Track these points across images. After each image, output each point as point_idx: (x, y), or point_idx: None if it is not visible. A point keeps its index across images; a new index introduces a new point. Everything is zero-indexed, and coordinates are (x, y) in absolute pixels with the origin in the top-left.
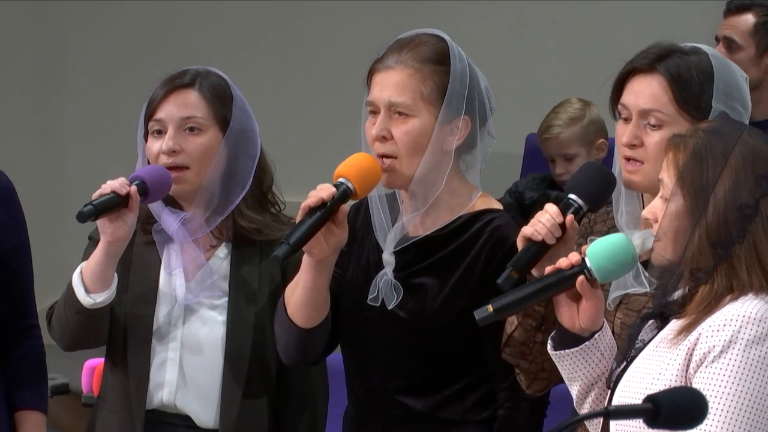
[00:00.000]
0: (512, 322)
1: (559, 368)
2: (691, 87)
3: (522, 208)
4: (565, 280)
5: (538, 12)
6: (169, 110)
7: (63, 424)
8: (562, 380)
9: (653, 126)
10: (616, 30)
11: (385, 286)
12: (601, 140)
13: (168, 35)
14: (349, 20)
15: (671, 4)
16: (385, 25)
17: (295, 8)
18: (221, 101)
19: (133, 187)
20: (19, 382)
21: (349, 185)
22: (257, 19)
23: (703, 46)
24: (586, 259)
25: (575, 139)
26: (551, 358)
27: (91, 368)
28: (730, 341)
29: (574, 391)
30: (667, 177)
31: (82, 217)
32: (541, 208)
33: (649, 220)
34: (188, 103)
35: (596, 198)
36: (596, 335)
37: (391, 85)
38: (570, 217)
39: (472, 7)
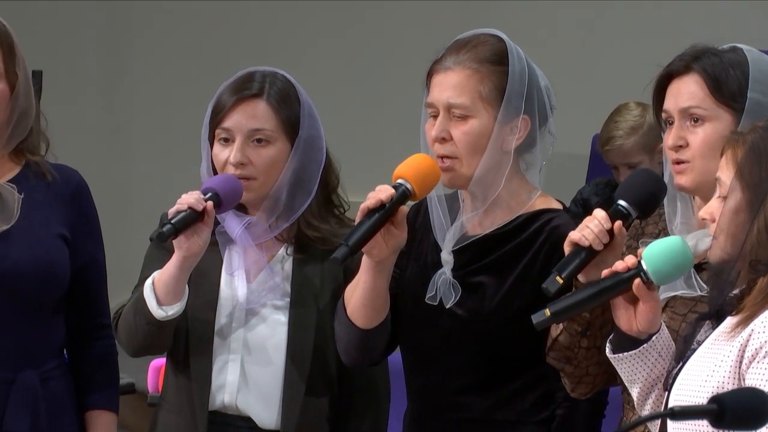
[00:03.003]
0: (557, 327)
1: (619, 371)
2: (726, 79)
3: (588, 214)
4: (621, 283)
5: (606, 10)
6: (238, 120)
7: (129, 423)
8: (607, 384)
9: (695, 122)
10: (684, 29)
11: (443, 285)
12: (662, 144)
13: (234, 36)
14: (412, 21)
15: (741, 3)
16: (450, 25)
17: (359, 9)
18: (289, 108)
19: (210, 203)
20: (91, 382)
21: (408, 186)
22: (320, 21)
23: (740, 45)
24: (643, 262)
25: (637, 148)
26: (596, 363)
27: (157, 368)
28: None
29: (635, 393)
30: (725, 175)
31: (163, 237)
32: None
33: (706, 221)
34: (257, 115)
35: (645, 205)
36: (653, 337)
37: (449, 86)
38: (618, 223)
39: (538, 7)
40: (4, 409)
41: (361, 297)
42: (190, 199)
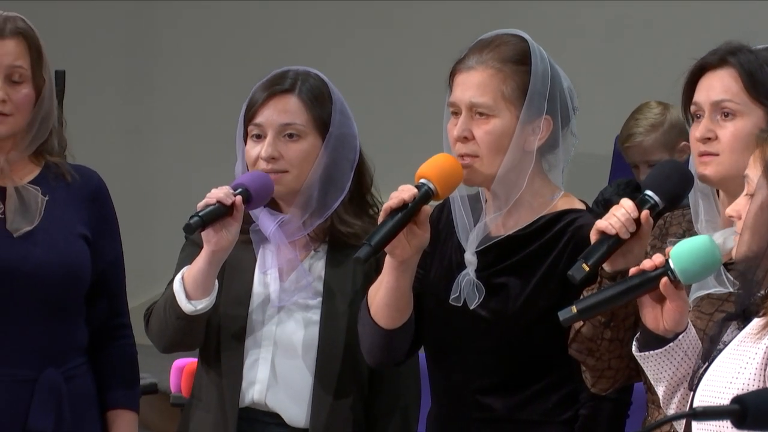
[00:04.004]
0: None
1: (645, 369)
2: (761, 76)
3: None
4: (648, 282)
5: (629, 11)
6: (269, 115)
7: (151, 423)
8: (628, 380)
9: (726, 116)
10: (707, 29)
11: (467, 286)
12: (683, 143)
13: (259, 35)
14: (436, 21)
15: (764, 4)
16: (473, 25)
17: (386, 9)
18: (321, 105)
19: (239, 198)
20: (112, 381)
21: (431, 186)
22: (347, 20)
23: None
24: (671, 261)
25: (658, 145)
26: (618, 357)
27: (180, 368)
28: None
29: (660, 391)
30: (753, 172)
31: (190, 230)
32: None
33: (733, 218)
34: (288, 109)
35: (673, 196)
36: (680, 336)
37: (472, 85)
38: (645, 212)
39: (561, 7)
40: (27, 407)
41: (384, 297)
42: (219, 193)
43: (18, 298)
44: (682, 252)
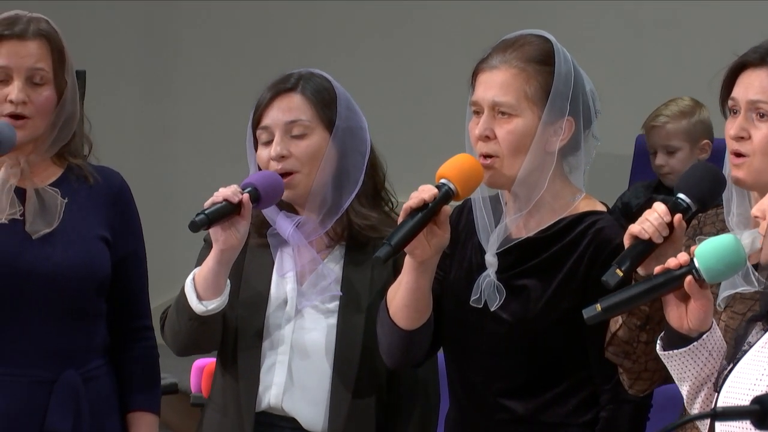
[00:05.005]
0: (617, 321)
1: (669, 368)
2: None
3: (629, 217)
4: (673, 280)
5: (649, 11)
6: (274, 115)
7: (172, 423)
8: (665, 381)
9: (761, 116)
10: (729, 31)
11: (488, 288)
12: (705, 141)
13: (277, 36)
14: (458, 20)
15: None
16: (495, 25)
17: (405, 8)
18: (325, 101)
19: (246, 195)
20: (132, 383)
21: (451, 186)
22: (365, 20)
23: None
24: (695, 260)
25: (680, 132)
26: (655, 359)
27: (200, 368)
28: None
29: (684, 391)
30: None
31: (195, 227)
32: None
33: (758, 218)
34: (292, 107)
35: (705, 198)
36: (704, 335)
37: (495, 84)
38: (678, 216)
39: (582, 7)
40: (46, 408)
41: (403, 298)
42: (227, 191)
43: (37, 300)
44: (706, 251)
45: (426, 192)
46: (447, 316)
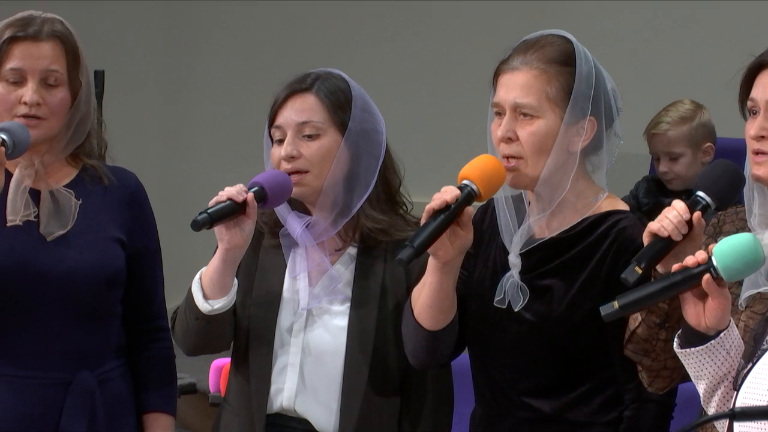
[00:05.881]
0: (636, 319)
1: (686, 366)
2: None
3: (640, 211)
4: (691, 279)
5: (671, 10)
6: (287, 115)
7: (190, 423)
8: (684, 379)
9: None
10: (748, 29)
11: (511, 288)
12: (707, 144)
13: (296, 36)
14: (478, 20)
15: None
16: (515, 25)
17: (424, 8)
18: (339, 103)
19: (250, 194)
20: (148, 384)
21: (474, 187)
22: (384, 20)
23: None
24: (713, 258)
25: (682, 138)
26: (674, 357)
27: (219, 368)
28: None
29: (701, 389)
30: None
31: (197, 226)
32: (659, 213)
33: None
34: (305, 108)
35: (724, 196)
36: (722, 334)
37: (516, 86)
38: (697, 214)
39: (603, 7)
40: (60, 410)
41: (427, 298)
42: (231, 190)
43: (51, 302)
44: (724, 249)
45: (448, 193)
46: (471, 315)
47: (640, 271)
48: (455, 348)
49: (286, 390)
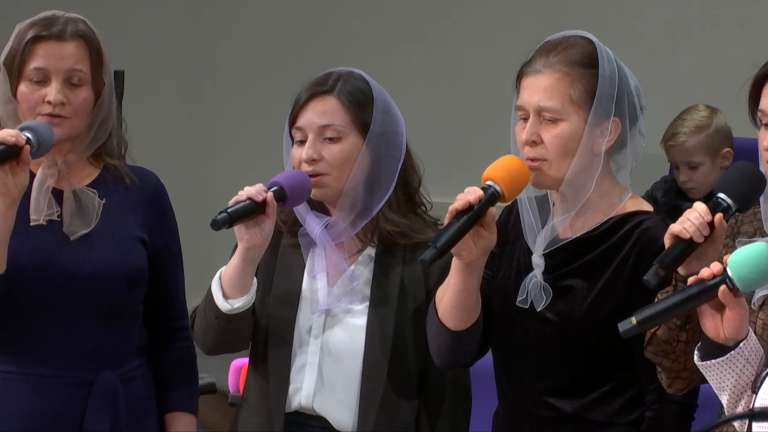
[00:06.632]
0: None
1: (708, 379)
2: None
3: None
4: (707, 291)
5: (693, 8)
6: (309, 117)
7: (210, 423)
8: (703, 380)
9: None
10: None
11: (534, 288)
12: (726, 149)
13: (316, 36)
14: (500, 20)
15: None
16: (536, 25)
17: (447, 7)
18: (360, 105)
19: (270, 194)
20: (170, 383)
21: (497, 188)
22: (407, 20)
23: None
24: (728, 269)
25: (700, 147)
26: (693, 358)
27: (238, 368)
28: None
29: (724, 399)
30: None
31: (216, 225)
32: (678, 216)
33: None
34: (326, 111)
35: (745, 198)
36: (741, 344)
37: (539, 89)
38: (718, 215)
39: (624, 6)
40: (84, 409)
41: (451, 299)
42: (251, 190)
43: (75, 301)
44: (739, 260)
45: (472, 194)
46: (495, 315)
47: (661, 273)
48: (479, 348)
49: (304, 389)
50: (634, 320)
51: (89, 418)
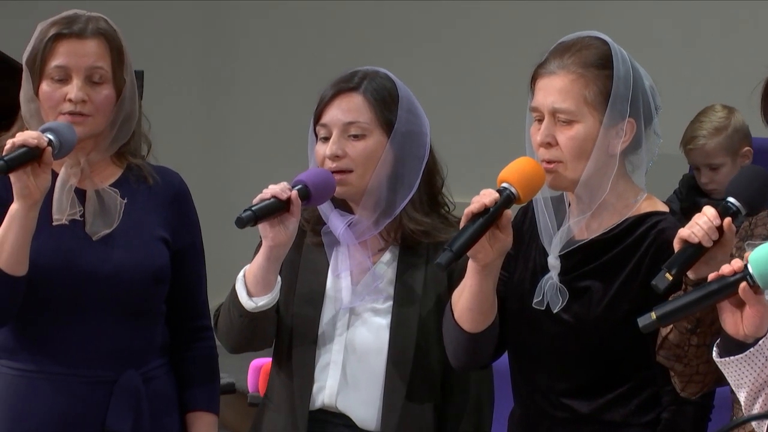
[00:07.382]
0: (667, 325)
1: (726, 375)
2: None
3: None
4: (727, 287)
5: (709, 8)
6: (334, 114)
7: (229, 423)
8: (717, 383)
9: None
10: None
11: (550, 290)
12: (746, 148)
13: (336, 35)
14: (520, 21)
15: None
16: (551, 26)
17: (463, 9)
18: (386, 104)
19: (294, 192)
20: (192, 383)
21: (512, 190)
22: (426, 21)
23: None
24: (749, 266)
25: (720, 149)
26: (706, 361)
27: (257, 368)
28: None
29: (742, 397)
30: None
31: (241, 223)
32: (695, 213)
33: None
34: (351, 108)
35: (755, 201)
36: (761, 341)
37: (554, 91)
38: (727, 220)
39: (639, 7)
40: (106, 408)
41: (468, 301)
42: (276, 188)
43: (97, 301)
44: (760, 257)
45: (487, 196)
46: (511, 316)
47: (670, 278)
48: (496, 349)
49: (328, 387)
50: (654, 315)
51: (111, 417)
